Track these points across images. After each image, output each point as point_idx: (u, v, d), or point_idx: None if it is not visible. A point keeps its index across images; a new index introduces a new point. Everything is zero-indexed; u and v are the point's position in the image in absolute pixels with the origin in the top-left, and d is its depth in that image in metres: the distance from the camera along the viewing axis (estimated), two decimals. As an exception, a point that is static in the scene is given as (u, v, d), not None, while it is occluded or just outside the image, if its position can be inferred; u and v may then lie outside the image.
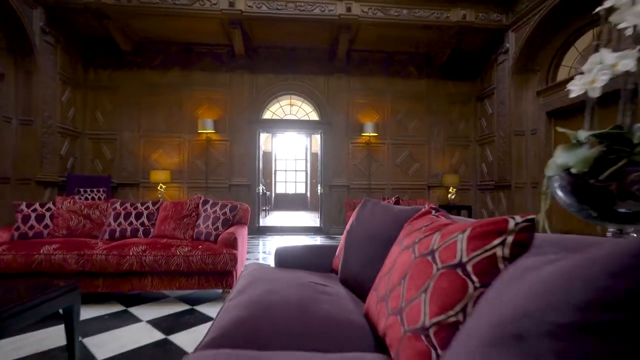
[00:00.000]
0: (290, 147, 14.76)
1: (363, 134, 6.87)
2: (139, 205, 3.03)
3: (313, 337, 0.96)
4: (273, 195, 13.76)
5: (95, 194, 5.89)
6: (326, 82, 6.92)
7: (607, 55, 0.96)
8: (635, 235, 1.05)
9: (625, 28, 0.98)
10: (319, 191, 7.18)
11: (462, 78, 7.16)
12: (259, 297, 1.20)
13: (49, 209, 2.91)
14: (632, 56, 0.92)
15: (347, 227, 1.67)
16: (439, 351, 0.70)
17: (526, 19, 5.61)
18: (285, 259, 1.90)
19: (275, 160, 14.46)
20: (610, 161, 0.96)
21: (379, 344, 1.00)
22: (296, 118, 7.27)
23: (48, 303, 1.37)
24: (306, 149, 14.18)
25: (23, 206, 2.86)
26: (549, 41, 5.56)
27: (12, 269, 2.32)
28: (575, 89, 1.08)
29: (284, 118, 7.23)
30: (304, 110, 7.28)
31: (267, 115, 7.07)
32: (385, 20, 5.86)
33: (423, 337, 0.73)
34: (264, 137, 8.99)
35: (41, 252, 2.35)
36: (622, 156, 0.95)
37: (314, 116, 7.17)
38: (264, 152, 11.10)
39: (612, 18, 1.01)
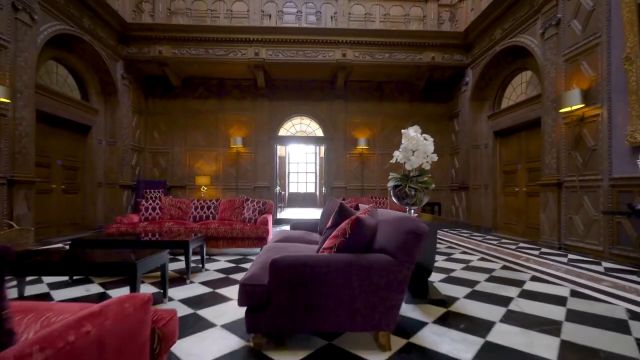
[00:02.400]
0: (301, 151, 16.70)
1: (357, 147, 8.76)
2: (208, 201, 5.05)
3: (303, 241, 2.91)
4: (287, 194, 15.74)
5: (156, 194, 7.97)
6: (329, 106, 8.85)
7: (396, 153, 2.86)
8: (414, 211, 2.94)
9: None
10: (323, 191, 9.11)
11: (437, 101, 8.97)
12: (284, 235, 3.16)
13: (157, 203, 4.96)
14: (400, 154, 2.82)
15: (322, 210, 3.61)
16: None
17: (478, 61, 7.39)
18: (296, 225, 3.87)
19: (289, 163, 16.44)
20: (400, 186, 2.86)
21: (326, 247, 2.93)
22: (305, 135, 9.23)
23: (200, 238, 3.38)
24: (315, 153, 16.12)
25: (144, 201, 4.90)
26: (494, 78, 7.34)
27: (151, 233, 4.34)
28: (396, 157, 2.98)
29: (295, 135, 9.19)
30: (312, 128, 9.22)
31: (282, 132, 9.05)
32: (372, 62, 7.73)
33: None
34: (279, 147, 10.94)
35: (166, 225, 4.38)
36: (404, 183, 2.85)
37: (319, 132, 9.10)
38: (279, 157, 13.06)
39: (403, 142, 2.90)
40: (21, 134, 4.81)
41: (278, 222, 8.82)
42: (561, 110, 4.89)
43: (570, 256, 4.48)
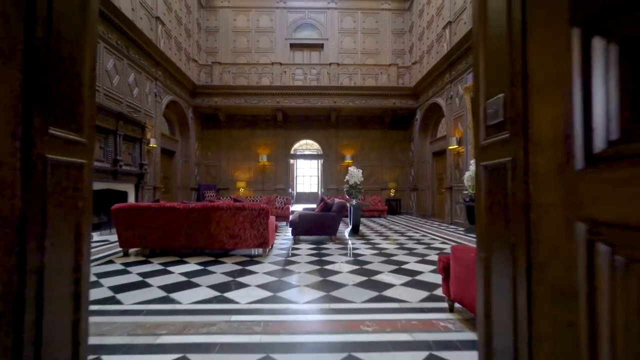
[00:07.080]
0: (307, 162, 20.75)
1: (345, 161, 12.77)
2: (255, 197, 9.15)
3: (310, 210, 6.97)
4: (295, 193, 19.81)
5: (210, 194, 12.06)
6: (325, 133, 12.90)
7: (346, 176, 6.93)
8: (355, 201, 6.96)
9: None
10: (322, 191, 13.15)
11: (401, 129, 12.96)
12: (299, 212, 7.22)
13: (228, 198, 9.05)
14: (347, 177, 6.88)
15: (317, 202, 7.66)
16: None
17: (423, 106, 11.37)
18: (306, 209, 7.94)
19: (297, 168, 20.52)
20: (350, 190, 6.89)
21: (318, 216, 6.98)
22: (309, 152, 13.28)
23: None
24: (317, 163, 20.15)
25: (220, 198, 9.00)
26: (431, 118, 11.32)
27: (229, 215, 8.42)
28: (346, 178, 7.04)
29: (303, 153, 13.25)
30: (313, 147, 13.26)
31: (293, 150, 13.11)
32: (354, 106, 11.75)
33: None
34: (291, 160, 14.99)
35: (237, 210, 8.49)
36: (350, 189, 6.88)
37: (319, 150, 13.14)
38: (291, 166, 17.09)
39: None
40: (156, 161, 8.92)
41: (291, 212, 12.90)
42: (449, 147, 8.88)
43: (450, 227, 8.47)
